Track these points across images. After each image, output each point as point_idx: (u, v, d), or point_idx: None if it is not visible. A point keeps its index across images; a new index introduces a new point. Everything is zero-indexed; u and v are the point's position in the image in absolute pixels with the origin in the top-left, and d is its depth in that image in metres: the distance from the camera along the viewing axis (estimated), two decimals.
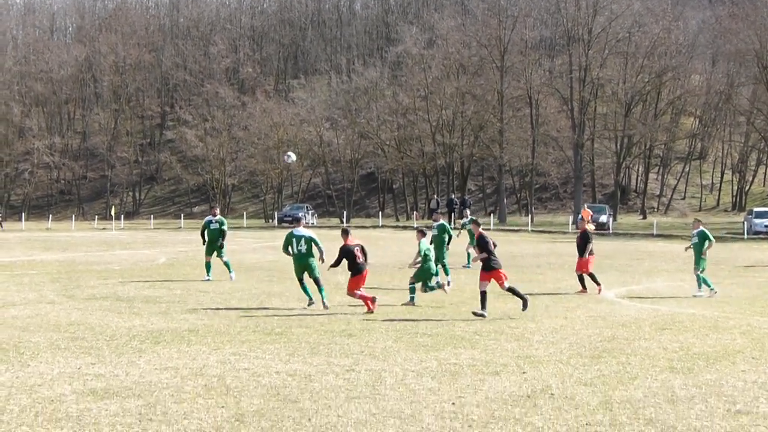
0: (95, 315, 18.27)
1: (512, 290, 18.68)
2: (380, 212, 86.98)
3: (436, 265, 24.54)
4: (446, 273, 25.76)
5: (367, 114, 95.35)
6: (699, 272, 23.42)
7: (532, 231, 63.32)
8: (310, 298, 19.98)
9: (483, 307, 18.18)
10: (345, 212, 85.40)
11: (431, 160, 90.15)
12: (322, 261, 20.05)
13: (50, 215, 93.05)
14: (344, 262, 19.44)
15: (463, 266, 31.74)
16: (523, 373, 12.41)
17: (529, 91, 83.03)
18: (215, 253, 27.02)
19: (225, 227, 27.40)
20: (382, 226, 70.24)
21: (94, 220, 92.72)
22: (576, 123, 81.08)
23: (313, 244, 20.12)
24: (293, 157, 31.63)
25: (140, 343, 14.64)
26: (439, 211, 30.41)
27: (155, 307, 19.55)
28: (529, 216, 74.51)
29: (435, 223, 27.64)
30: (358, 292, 19.23)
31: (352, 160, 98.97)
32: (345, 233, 20.11)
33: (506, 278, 18.70)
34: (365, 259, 19.61)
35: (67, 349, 14.07)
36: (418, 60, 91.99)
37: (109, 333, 15.78)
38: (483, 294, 18.30)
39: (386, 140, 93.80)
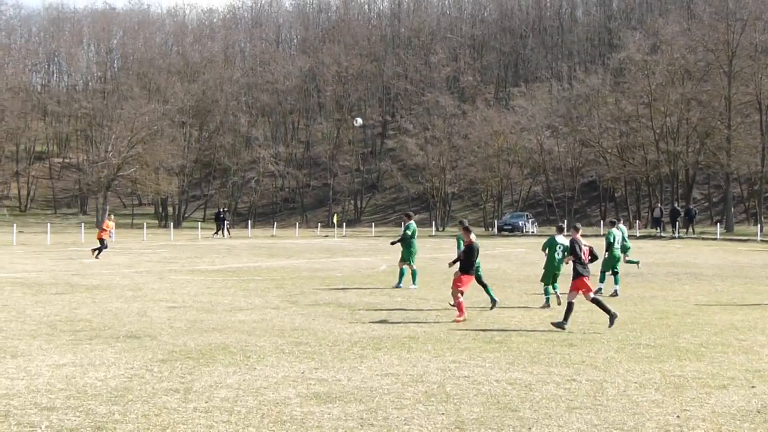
0: (318, 321, 18.62)
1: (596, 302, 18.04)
2: (601, 221, 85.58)
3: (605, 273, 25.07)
4: (601, 281, 25.21)
5: (589, 121, 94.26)
6: None
7: (761, 241, 60.99)
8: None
9: (565, 318, 17.68)
10: (565, 221, 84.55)
11: (654, 168, 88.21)
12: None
13: (275, 222, 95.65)
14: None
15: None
16: (752, 387, 11.94)
17: (758, 96, 79.78)
18: (409, 259, 26.92)
19: (408, 232, 27.09)
20: (603, 235, 69.09)
21: (316, 227, 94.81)
22: None
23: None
24: (360, 121, 32.56)
25: (362, 349, 14.82)
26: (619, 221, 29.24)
27: (376, 314, 19.77)
28: (759, 226, 71.74)
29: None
30: (460, 295, 19.17)
31: (573, 168, 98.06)
32: (467, 230, 20.38)
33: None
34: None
35: (291, 353, 14.38)
36: (642, 66, 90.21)
37: (332, 339, 16.04)
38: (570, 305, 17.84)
39: (608, 148, 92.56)
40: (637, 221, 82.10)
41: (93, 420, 9.73)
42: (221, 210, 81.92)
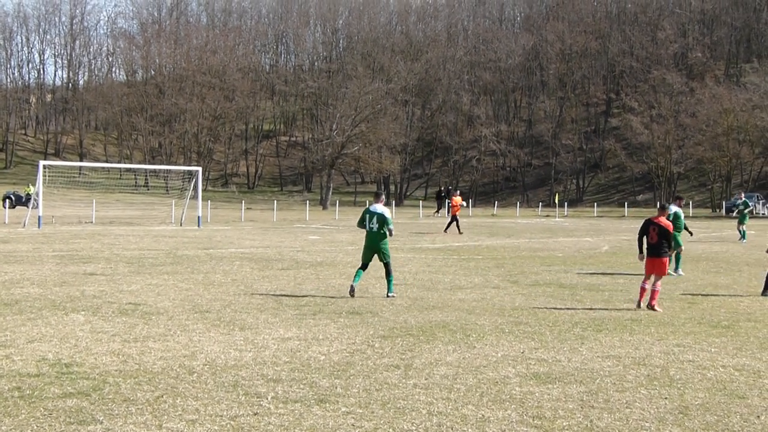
0: (538, 301, 18.52)
1: None
2: None
3: None
4: None
5: None
6: None
7: None
8: (353, 288, 18.73)
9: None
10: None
11: None
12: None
13: (495, 201, 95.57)
14: None
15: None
16: None
17: None
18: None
19: (680, 219, 24.86)
20: None
21: (537, 207, 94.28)
22: None
23: (384, 224, 18.77)
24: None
25: (582, 330, 14.65)
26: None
27: (598, 295, 19.51)
28: None
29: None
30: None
31: None
32: (662, 209, 18.67)
33: None
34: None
35: (511, 332, 14.34)
36: None
37: (552, 319, 15.92)
38: None
39: None
40: None
41: (316, 392, 9.96)
42: (442, 188, 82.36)
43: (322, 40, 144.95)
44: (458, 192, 52.91)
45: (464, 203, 48.73)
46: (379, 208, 18.94)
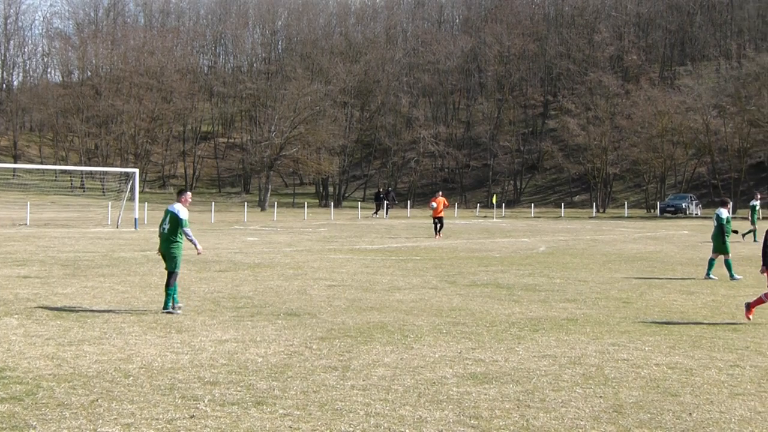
0: (476, 301, 18.60)
1: None
2: None
3: None
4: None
5: (758, 101, 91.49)
6: None
7: None
8: (171, 304, 16.49)
9: None
10: (731, 203, 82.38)
11: None
12: (198, 252, 17.41)
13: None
14: None
15: None
16: None
17: None
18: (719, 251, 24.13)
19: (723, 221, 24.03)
20: None
21: (476, 208, 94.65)
22: None
23: (178, 226, 16.70)
24: None
25: (519, 330, 14.75)
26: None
27: (534, 295, 19.64)
28: None
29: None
30: None
31: (741, 149, 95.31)
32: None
33: None
34: None
35: (449, 333, 14.39)
36: None
37: (489, 319, 16.00)
38: None
39: None
40: None
41: (254, 395, 9.93)
42: (381, 190, 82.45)
43: (261, 41, 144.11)
44: (440, 192, 50.28)
45: (446, 204, 45.66)
46: (177, 206, 16.87)
